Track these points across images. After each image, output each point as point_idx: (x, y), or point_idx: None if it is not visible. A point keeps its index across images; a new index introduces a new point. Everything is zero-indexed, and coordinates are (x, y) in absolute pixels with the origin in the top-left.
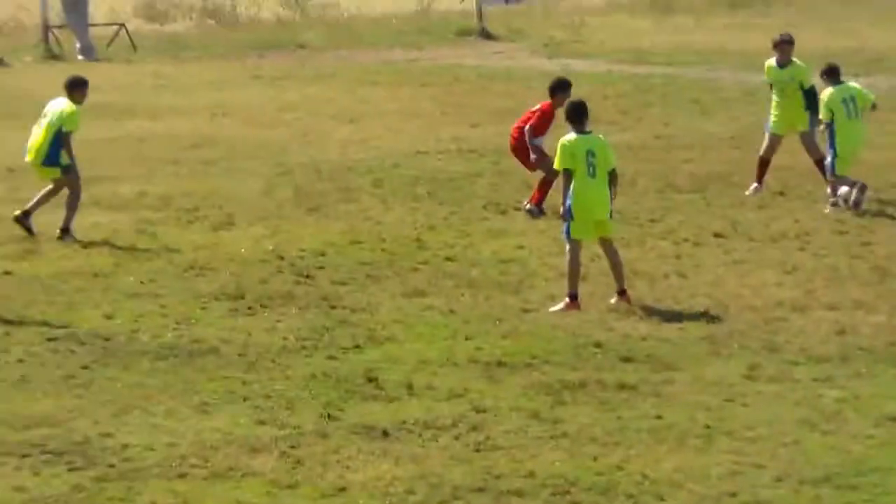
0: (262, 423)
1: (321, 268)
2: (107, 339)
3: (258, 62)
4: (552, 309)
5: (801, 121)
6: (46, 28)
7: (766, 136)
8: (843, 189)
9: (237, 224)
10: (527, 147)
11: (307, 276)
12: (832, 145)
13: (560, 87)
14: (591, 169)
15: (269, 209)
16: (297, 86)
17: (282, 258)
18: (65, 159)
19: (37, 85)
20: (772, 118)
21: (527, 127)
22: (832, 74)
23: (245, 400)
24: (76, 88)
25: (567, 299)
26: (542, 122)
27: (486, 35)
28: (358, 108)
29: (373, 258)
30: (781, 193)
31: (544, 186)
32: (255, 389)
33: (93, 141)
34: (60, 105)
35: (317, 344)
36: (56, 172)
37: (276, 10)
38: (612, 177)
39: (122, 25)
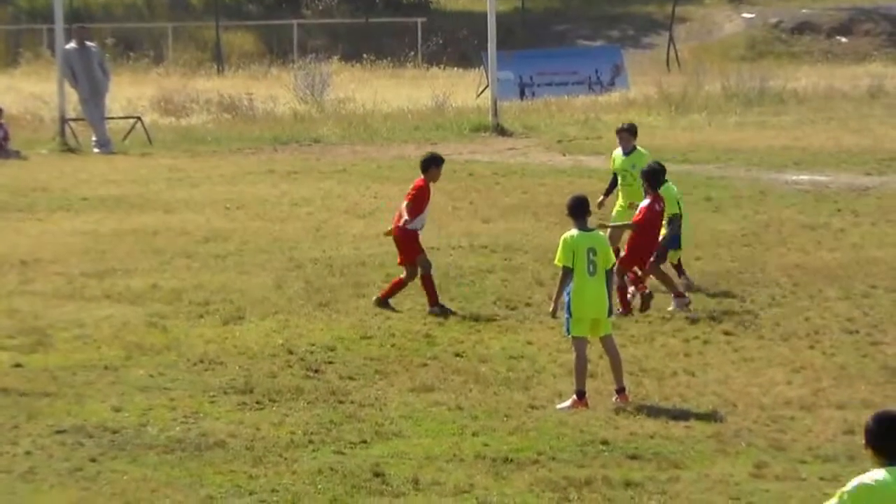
0: None
1: (330, 362)
2: (115, 432)
3: (273, 156)
4: (559, 406)
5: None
6: (63, 121)
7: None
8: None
9: (248, 318)
10: (407, 237)
11: (316, 371)
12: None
13: (433, 162)
14: (591, 266)
15: (279, 303)
16: (311, 180)
17: (291, 352)
18: None
19: (52, 177)
20: (616, 208)
21: (404, 205)
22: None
23: (251, 494)
24: None
25: (574, 397)
26: (419, 201)
27: (501, 131)
28: (371, 203)
29: (382, 353)
30: (792, 292)
31: (396, 287)
32: (261, 484)
33: (106, 233)
34: None
35: (324, 438)
36: None
37: (292, 104)
38: (609, 274)
39: (139, 119)
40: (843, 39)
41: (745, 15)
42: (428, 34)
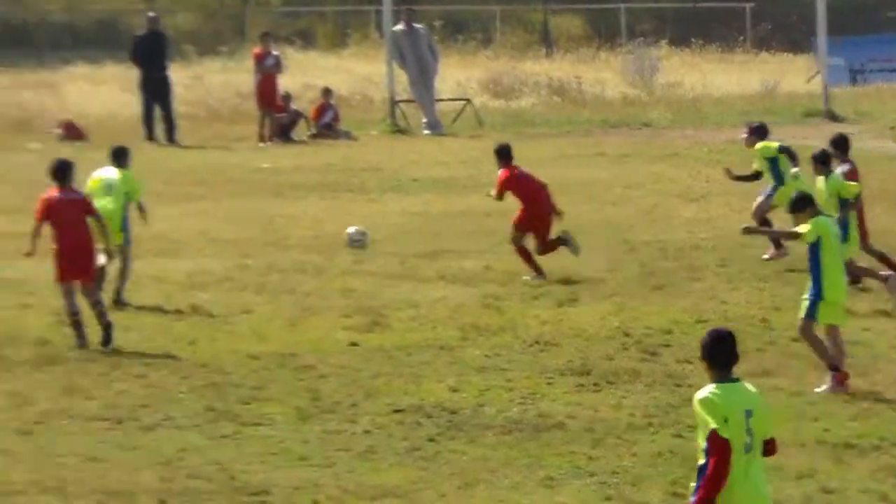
0: (608, 499)
1: (667, 346)
2: (453, 413)
3: (602, 139)
4: (818, 390)
5: None
6: (393, 102)
7: None
8: None
9: (582, 300)
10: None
11: (653, 354)
12: None
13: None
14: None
15: (614, 286)
16: (641, 164)
17: (627, 335)
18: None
19: (383, 158)
20: None
21: None
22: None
23: (591, 476)
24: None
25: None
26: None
27: (832, 117)
28: (703, 187)
29: None
30: None
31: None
32: (601, 465)
33: (436, 214)
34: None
35: (663, 421)
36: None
37: (621, 88)
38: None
39: (468, 101)
40: None
41: None
42: (757, 19)
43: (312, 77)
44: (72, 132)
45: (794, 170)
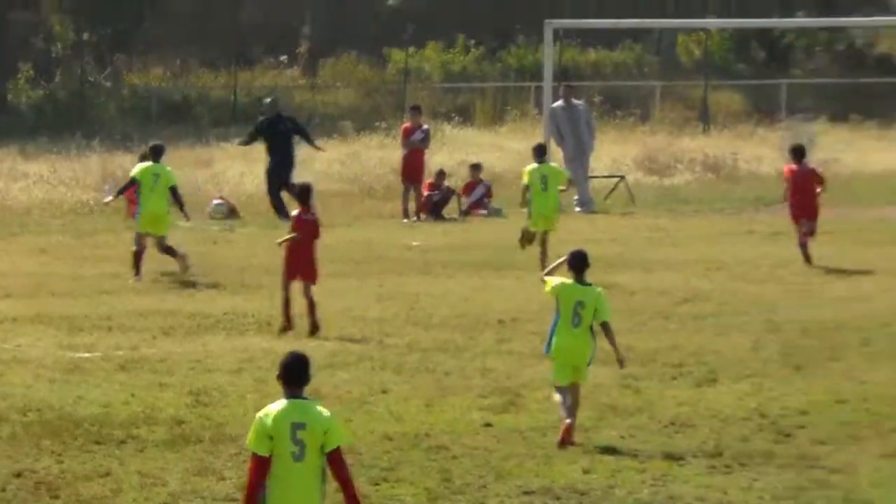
0: None
1: (802, 426)
2: (582, 494)
3: (754, 217)
4: None
5: None
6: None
7: None
8: None
9: (721, 380)
10: None
11: (787, 435)
12: None
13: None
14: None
15: (754, 366)
16: (791, 242)
17: (763, 416)
18: None
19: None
20: None
21: None
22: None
23: None
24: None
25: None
26: None
27: None
28: (851, 266)
29: (854, 418)
30: None
31: None
32: None
33: None
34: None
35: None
36: None
37: (778, 165)
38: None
39: (622, 178)
40: None
41: None
42: None
43: (468, 154)
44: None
45: None
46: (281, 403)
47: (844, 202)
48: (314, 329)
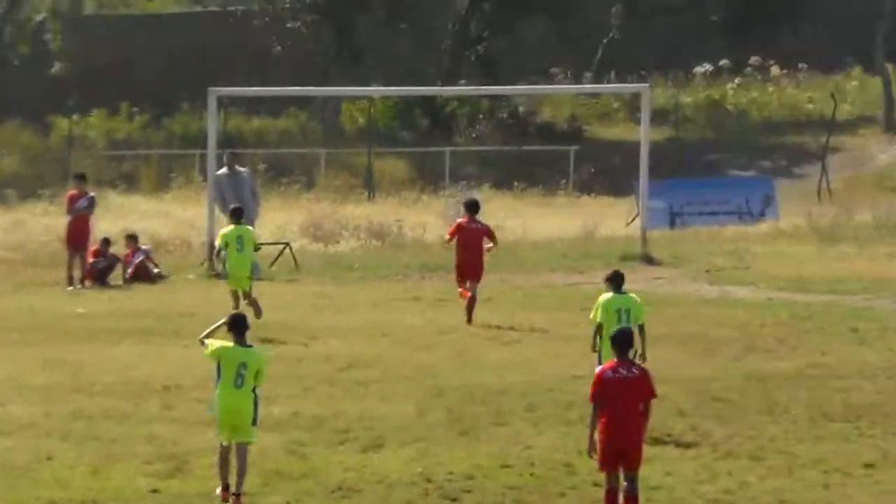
0: None
1: (468, 491)
2: None
3: (420, 283)
4: None
5: None
6: (212, 246)
7: None
8: None
9: (387, 445)
10: None
11: (454, 500)
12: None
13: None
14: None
15: (419, 431)
16: (457, 308)
17: (430, 481)
18: None
19: (199, 303)
20: None
21: None
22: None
23: None
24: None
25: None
26: None
27: (649, 260)
28: (516, 332)
29: (521, 482)
30: None
31: None
32: None
33: None
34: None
35: None
36: None
37: (442, 231)
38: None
39: (287, 244)
40: None
41: None
42: (580, 162)
43: (133, 221)
44: None
45: None
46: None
47: (509, 268)
48: None
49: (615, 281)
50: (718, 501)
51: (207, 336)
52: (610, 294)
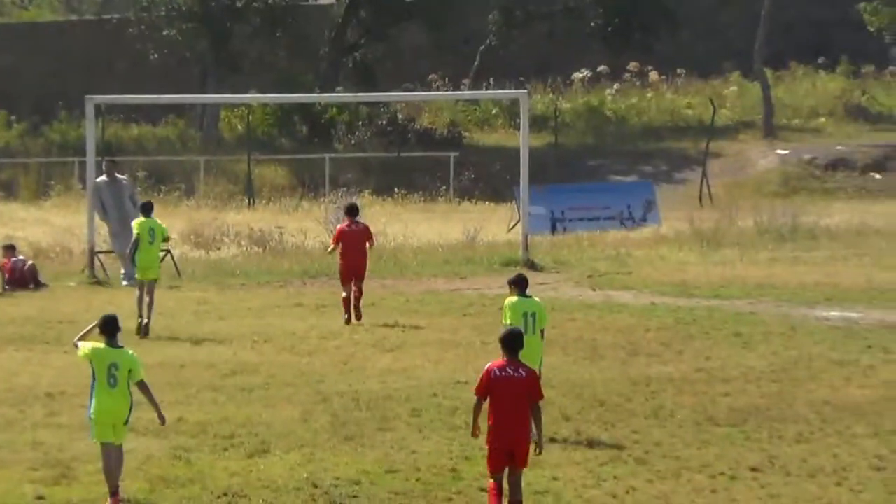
0: None
1: (355, 496)
2: None
3: (301, 290)
4: None
5: None
6: (92, 253)
7: None
8: None
9: (273, 451)
10: None
11: None
12: None
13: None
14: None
15: (305, 437)
16: (339, 314)
17: (316, 486)
18: None
19: (80, 310)
20: None
21: None
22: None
23: None
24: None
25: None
26: None
27: (531, 265)
28: (399, 338)
29: (407, 487)
30: (820, 429)
31: None
32: None
33: None
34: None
35: None
36: None
37: (323, 238)
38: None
39: (168, 251)
40: (878, 176)
41: (780, 151)
42: (460, 168)
43: (12, 228)
44: None
45: None
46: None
47: (392, 274)
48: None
49: (520, 284)
50: None
51: (81, 338)
52: (515, 298)
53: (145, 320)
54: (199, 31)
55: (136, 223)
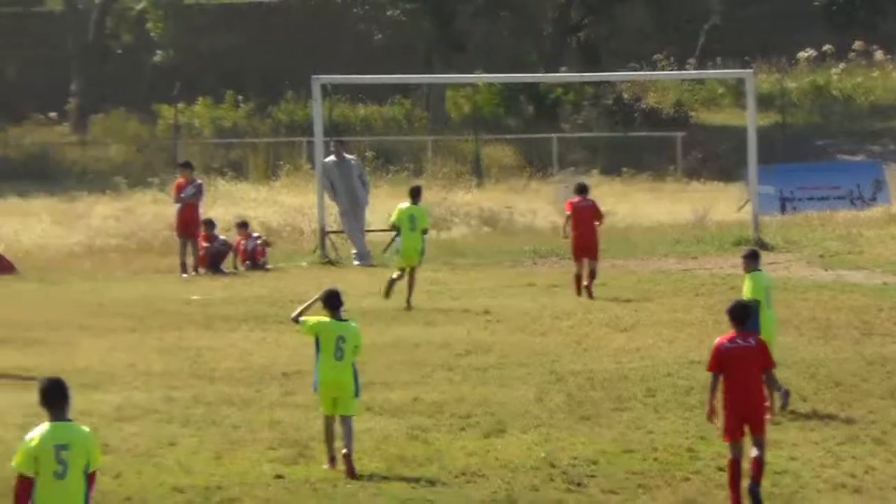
0: None
1: (593, 476)
2: None
3: (532, 269)
4: None
5: None
6: (323, 233)
7: None
8: None
9: (509, 431)
10: None
11: (578, 484)
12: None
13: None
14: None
15: (540, 417)
16: (571, 294)
17: (553, 466)
18: None
19: (312, 289)
20: None
21: None
22: None
23: None
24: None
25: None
26: None
27: (762, 245)
28: (631, 317)
29: (644, 467)
30: None
31: None
32: None
33: (366, 345)
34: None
35: None
36: None
37: (552, 218)
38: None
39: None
40: None
41: None
42: (687, 148)
43: (243, 208)
44: (0, 264)
45: None
46: (45, 426)
47: (622, 254)
48: None
49: (755, 258)
50: (844, 486)
51: (301, 314)
52: (758, 272)
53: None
54: (422, 11)
55: (397, 210)
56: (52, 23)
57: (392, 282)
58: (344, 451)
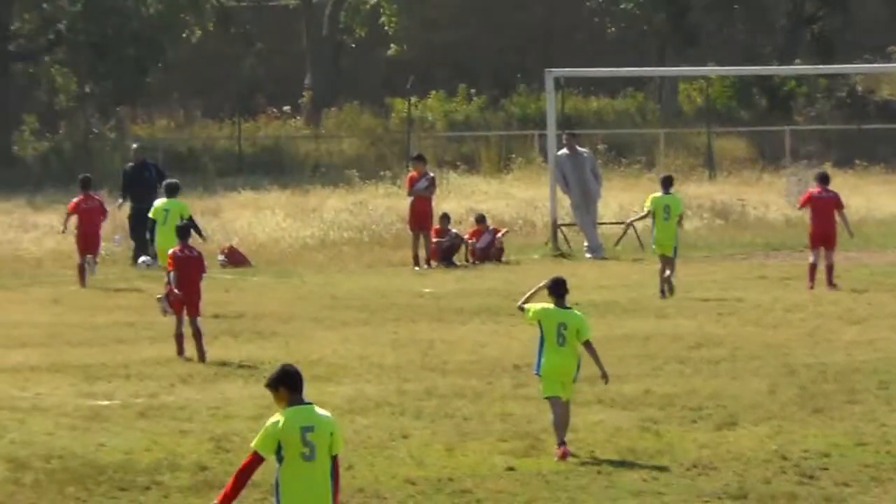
0: None
1: (825, 469)
2: None
3: (764, 262)
4: None
5: None
6: (555, 226)
7: None
8: None
9: (740, 423)
10: None
11: (811, 477)
12: None
13: None
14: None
15: (772, 409)
16: (802, 286)
17: (785, 458)
18: None
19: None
20: None
21: None
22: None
23: None
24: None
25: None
26: None
27: None
28: (864, 310)
29: (877, 460)
30: None
31: None
32: None
33: (597, 338)
34: None
35: None
36: None
37: (785, 210)
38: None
39: (631, 224)
40: None
41: None
42: None
43: (475, 201)
44: (234, 257)
45: None
46: (287, 410)
47: (855, 247)
48: (202, 357)
49: None
50: None
51: (526, 301)
52: None
53: (666, 293)
54: (656, 4)
55: (650, 198)
56: (287, 17)
57: (662, 281)
58: (561, 443)
